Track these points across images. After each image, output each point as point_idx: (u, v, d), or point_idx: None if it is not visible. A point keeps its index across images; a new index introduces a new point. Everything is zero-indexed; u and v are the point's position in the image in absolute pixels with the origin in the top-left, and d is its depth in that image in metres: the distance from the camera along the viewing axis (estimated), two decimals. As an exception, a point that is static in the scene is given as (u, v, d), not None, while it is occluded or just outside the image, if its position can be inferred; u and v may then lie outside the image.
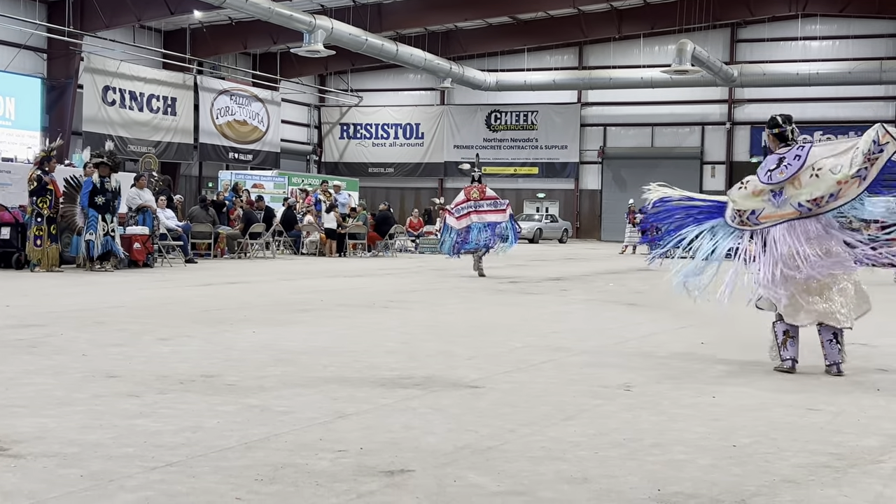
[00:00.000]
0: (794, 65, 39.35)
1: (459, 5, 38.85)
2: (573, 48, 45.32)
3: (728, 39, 43.07)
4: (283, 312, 10.05)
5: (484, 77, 43.19)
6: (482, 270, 17.26)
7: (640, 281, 17.25)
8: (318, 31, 32.48)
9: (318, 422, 4.79)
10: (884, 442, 4.63)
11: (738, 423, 4.98)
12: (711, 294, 7.16)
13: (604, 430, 4.76)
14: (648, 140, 45.11)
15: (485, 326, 9.28)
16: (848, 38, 41.20)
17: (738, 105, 43.52)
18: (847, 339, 8.62)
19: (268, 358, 6.85)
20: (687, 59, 33.66)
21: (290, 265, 19.87)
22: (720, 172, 43.97)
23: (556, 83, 42.91)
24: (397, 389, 5.71)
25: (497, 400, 5.50)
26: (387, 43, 36.94)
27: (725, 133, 43.74)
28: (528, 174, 45.88)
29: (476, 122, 47.34)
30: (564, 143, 45.91)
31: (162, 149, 36.27)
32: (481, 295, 13.14)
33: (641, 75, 40.59)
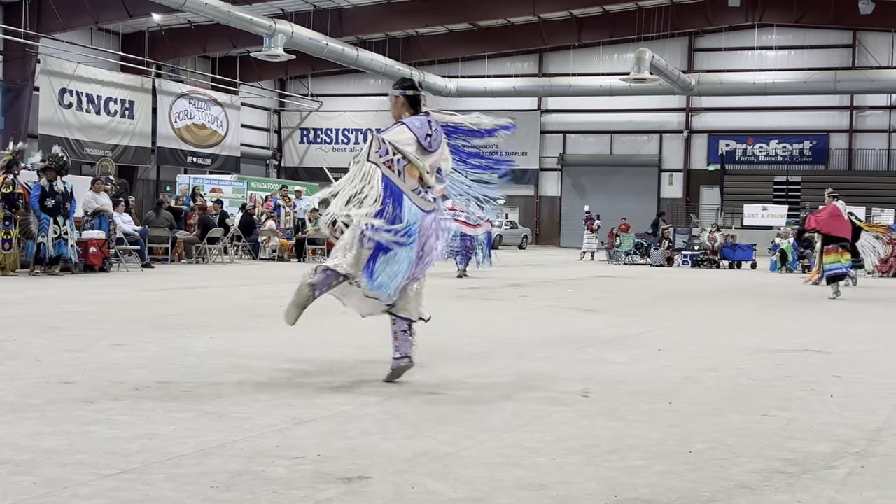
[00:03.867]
0: (750, 74, 39.84)
1: (420, 11, 38.93)
2: (533, 55, 45.57)
3: (686, 48, 43.54)
4: (241, 318, 9.98)
5: (444, 83, 43.27)
6: (464, 272, 18.95)
7: (599, 287, 17.36)
8: (278, 35, 32.38)
9: (275, 428, 4.76)
10: (836, 448, 4.69)
11: (694, 429, 5.02)
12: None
13: (561, 437, 4.77)
14: (607, 147, 45.43)
15: (443, 332, 9.26)
16: (803, 48, 41.83)
17: (695, 113, 43.96)
18: (799, 344, 8.77)
19: (225, 364, 6.80)
20: (645, 67, 33.95)
21: (248, 270, 19.75)
22: (678, 180, 44.40)
23: (516, 90, 43.10)
24: (355, 395, 5.69)
25: (455, 406, 5.50)
26: (347, 48, 36.91)
27: (683, 141, 44.18)
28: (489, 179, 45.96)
29: (436, 128, 47.34)
30: (524, 149, 46.08)
31: (119, 152, 35.91)
32: (441, 301, 13.12)
33: (601, 83, 40.90)
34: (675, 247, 28.66)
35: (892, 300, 15.85)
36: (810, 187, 39.62)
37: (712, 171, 42.96)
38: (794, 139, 42.61)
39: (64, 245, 15.84)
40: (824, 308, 13.90)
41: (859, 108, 41.81)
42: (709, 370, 7.17)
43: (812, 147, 42.28)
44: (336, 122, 48.70)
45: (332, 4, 38.68)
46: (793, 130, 42.51)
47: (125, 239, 18.78)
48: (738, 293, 16.91)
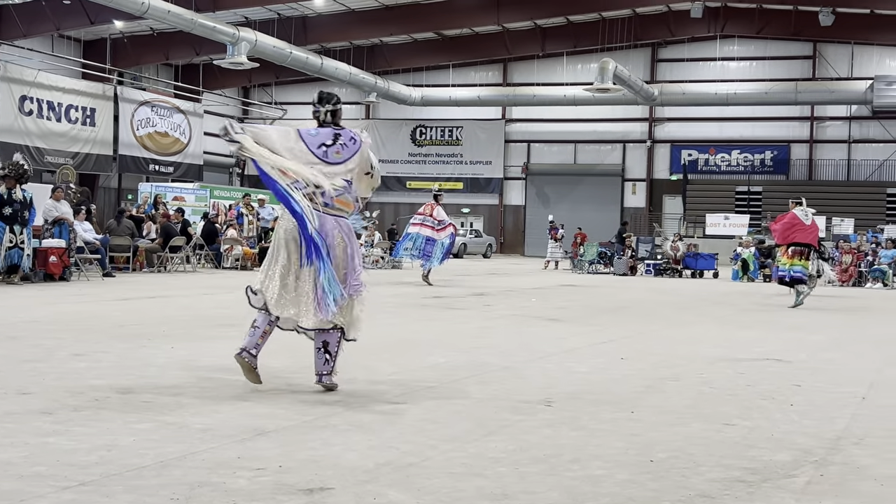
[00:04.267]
0: (712, 85, 40.25)
1: (384, 20, 38.97)
2: (498, 65, 45.74)
3: (649, 59, 43.90)
4: (203, 327, 9.91)
5: (409, 92, 43.33)
6: (428, 280, 19.05)
7: (563, 296, 17.42)
8: (241, 43, 32.27)
9: (236, 439, 4.73)
10: (796, 456, 4.73)
11: (656, 438, 5.04)
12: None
13: (524, 446, 4.78)
14: (571, 157, 45.67)
15: (408, 341, 9.27)
16: (765, 59, 42.31)
17: (658, 123, 44.31)
18: (761, 353, 8.85)
19: (186, 374, 6.75)
20: (609, 77, 34.18)
21: (211, 279, 19.62)
22: (641, 189, 44.71)
23: (480, 99, 43.24)
24: (318, 406, 5.67)
25: (418, 416, 5.49)
26: (311, 56, 36.84)
27: (646, 151, 44.51)
28: (453, 189, 46.04)
29: (401, 137, 47.44)
30: (489, 158, 46.24)
31: (80, 160, 35.55)
32: (406, 310, 13.13)
33: (564, 93, 41.14)
34: (638, 256, 28.83)
35: (852, 309, 16.04)
36: (771, 197, 40.10)
37: (675, 180, 43.31)
38: (755, 149, 43.07)
39: (20, 254, 15.65)
40: (785, 317, 14.04)
41: (820, 119, 42.34)
42: (671, 379, 7.21)
43: (773, 157, 42.76)
44: (300, 130, 48.50)
45: (295, 12, 38.61)
46: (754, 141, 42.98)
47: (86, 248, 18.59)
48: (701, 302, 17.04)
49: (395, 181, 47.25)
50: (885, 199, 39.86)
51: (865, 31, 38.77)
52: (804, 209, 15.93)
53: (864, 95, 37.99)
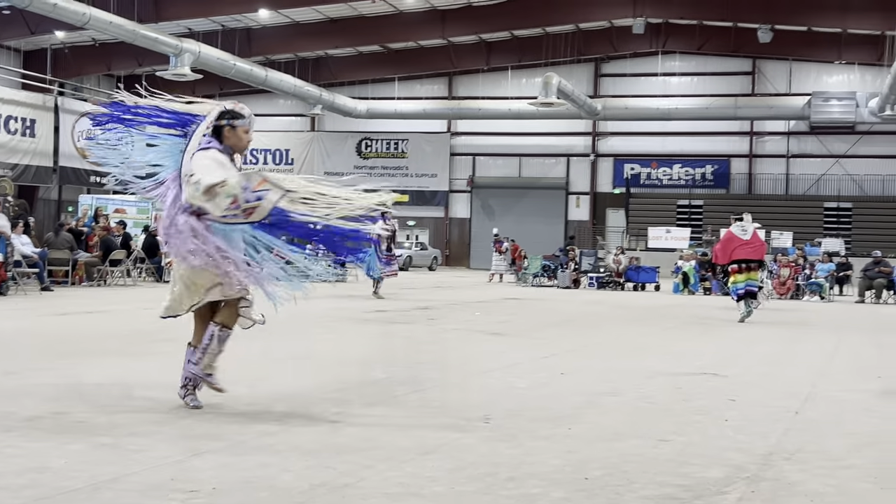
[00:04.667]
0: (654, 100, 40.71)
1: (330, 33, 38.92)
2: (443, 78, 45.85)
3: (592, 74, 44.28)
4: (141, 343, 9.78)
5: (354, 104, 43.28)
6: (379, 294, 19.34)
7: (506, 310, 17.47)
8: (184, 54, 32.00)
9: (170, 460, 4.67)
10: (728, 473, 4.79)
11: (592, 455, 5.07)
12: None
13: (461, 465, 4.78)
14: (516, 170, 45.88)
15: (349, 358, 9.24)
16: (705, 75, 42.90)
17: (601, 137, 44.70)
18: (699, 367, 8.95)
19: (122, 392, 6.66)
20: (553, 91, 34.44)
21: (152, 293, 19.37)
22: (585, 202, 45.04)
23: (426, 112, 43.30)
24: (255, 425, 5.62)
25: (356, 434, 5.47)
26: (256, 68, 36.65)
27: (590, 164, 44.86)
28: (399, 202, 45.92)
29: (347, 149, 47.32)
30: (434, 171, 46.29)
31: (19, 172, 34.87)
32: (347, 325, 13.08)
33: (509, 107, 41.34)
34: (581, 269, 29.03)
35: (789, 323, 16.28)
36: (712, 210, 40.63)
37: (618, 194, 43.71)
38: (696, 163, 43.62)
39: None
40: (724, 330, 14.22)
41: (759, 134, 43.01)
42: (609, 394, 7.26)
43: (714, 171, 43.33)
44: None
45: (240, 24, 38.41)
46: (695, 155, 43.52)
47: (23, 261, 18.27)
48: (642, 315, 17.20)
49: (341, 194, 47.05)
50: (822, 213, 40.59)
51: (803, 48, 39.54)
52: (742, 225, 16.06)
53: (802, 111, 38.68)
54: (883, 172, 41.07)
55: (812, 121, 38.80)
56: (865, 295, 24.67)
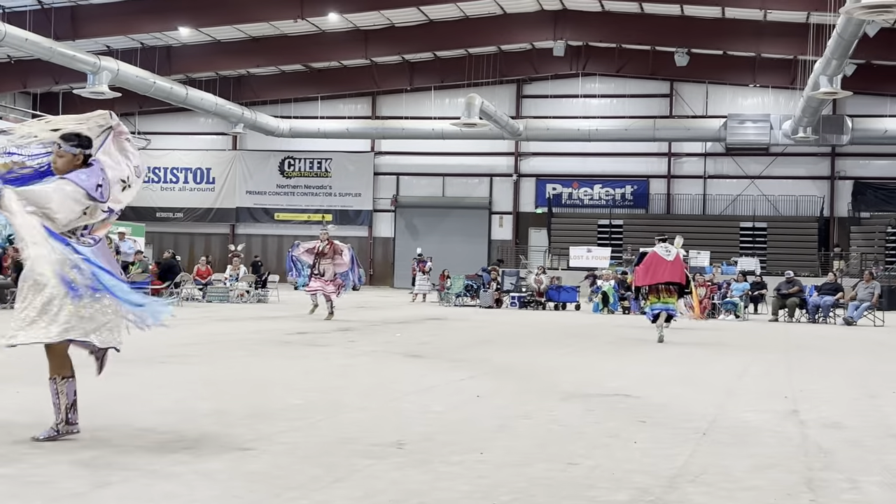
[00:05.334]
0: (575, 121, 41.26)
1: (251, 51, 38.73)
2: (366, 98, 45.89)
3: (514, 94, 44.71)
4: (52, 369, 9.57)
5: (277, 123, 43.09)
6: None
7: (427, 331, 17.51)
8: (102, 72, 31.55)
9: (75, 492, 4.60)
10: (633, 496, 4.88)
11: (501, 480, 5.13)
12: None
13: (371, 492, 4.80)
14: (440, 190, 46.05)
15: (266, 382, 9.19)
16: (625, 97, 43.60)
17: (523, 158, 45.13)
18: (612, 388, 9.09)
19: (30, 420, 6.52)
20: (475, 112, 34.70)
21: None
22: (507, 222, 45.38)
23: (349, 131, 43.30)
24: (165, 454, 5.56)
25: (269, 462, 5.45)
26: (176, 86, 36.30)
27: (512, 184, 45.22)
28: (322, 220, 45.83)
29: (269, 168, 47.02)
30: (358, 190, 46.24)
31: (-70, 190, 34.04)
32: (266, 347, 13.00)
33: (433, 126, 41.54)
34: (503, 289, 29.23)
35: (704, 342, 16.56)
36: (632, 230, 41.28)
37: (540, 213, 44.14)
38: (616, 184, 44.28)
39: None
40: (641, 350, 14.44)
41: (677, 155, 43.83)
42: (522, 417, 7.34)
43: (633, 192, 44.03)
44: (165, 160, 47.61)
45: (159, 42, 38.00)
46: (615, 176, 44.18)
47: (-68, 283, 17.79)
48: (561, 335, 17.38)
49: (263, 213, 46.79)
50: (738, 233, 41.49)
51: (719, 72, 40.47)
52: (666, 246, 16.26)
53: (718, 133, 39.57)
54: (796, 193, 42.16)
55: (728, 142, 39.71)
56: (779, 314, 25.26)
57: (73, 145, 6.05)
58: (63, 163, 6.02)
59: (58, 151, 6.05)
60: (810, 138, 36.93)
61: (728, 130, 39.05)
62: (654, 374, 10.97)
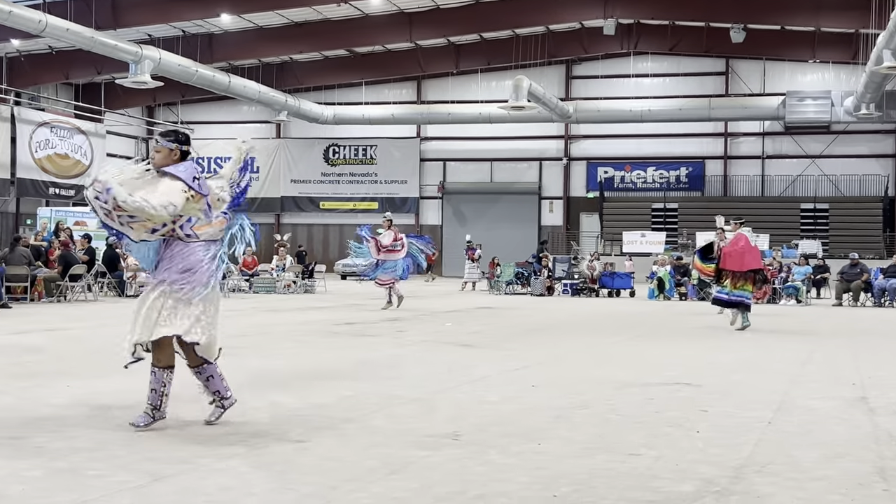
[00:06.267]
0: (627, 102, 40.92)
1: (294, 37, 38.87)
2: (411, 82, 45.92)
3: (563, 76, 44.49)
4: (103, 362, 9.73)
5: (321, 110, 43.26)
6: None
7: (478, 320, 17.53)
8: (144, 61, 31.87)
9: (131, 486, 4.68)
10: (699, 487, 4.86)
11: (561, 471, 5.13)
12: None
13: (428, 483, 4.83)
14: (488, 175, 46.01)
15: (316, 373, 9.26)
16: (678, 75, 43.19)
17: (574, 141, 44.91)
18: (671, 377, 9.04)
19: (83, 414, 6.65)
20: (523, 95, 34.57)
21: (113, 309, 19.28)
22: (558, 207, 45.21)
23: (394, 117, 43.34)
24: (219, 447, 5.63)
25: (323, 454, 5.50)
26: (218, 74, 36.58)
27: (562, 168, 45.04)
28: (368, 209, 45.99)
29: (314, 156, 47.28)
30: (404, 177, 46.35)
31: (-24, 185, 34.69)
32: (315, 338, 13.10)
33: (479, 110, 41.45)
34: (555, 276, 29.16)
35: (765, 328, 16.38)
36: (687, 213, 40.93)
37: (591, 198, 43.94)
38: (670, 166, 43.93)
39: None
40: (699, 337, 14.35)
41: (733, 135, 43.37)
42: (580, 407, 7.33)
43: (688, 174, 43.66)
44: (208, 150, 47.77)
45: (201, 30, 38.30)
46: (669, 158, 43.82)
47: (-20, 278, 18.14)
48: (616, 323, 17.32)
49: (308, 201, 47.07)
50: (798, 215, 40.96)
51: (776, 48, 39.90)
52: (749, 229, 16.10)
53: (777, 111, 39.05)
54: (859, 172, 41.53)
55: (787, 121, 39.18)
56: (843, 298, 24.93)
57: (170, 140, 6.32)
58: (161, 158, 6.28)
59: (155, 147, 6.35)
60: (873, 115, 36.27)
61: (787, 108, 38.52)
62: (715, 361, 10.90)
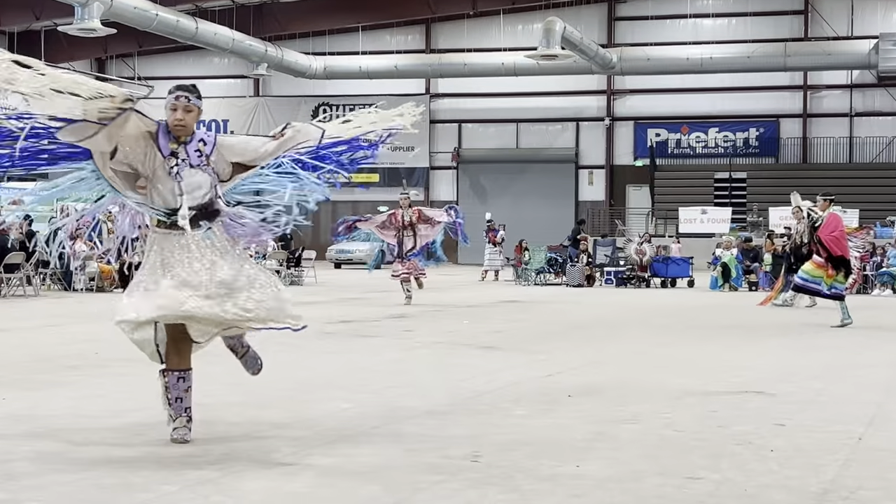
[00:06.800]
0: (683, 48, 40.82)
1: (275, -28, 38.93)
2: (419, 26, 45.91)
3: (605, 17, 44.41)
4: (44, 371, 9.80)
5: (309, 62, 43.28)
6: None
7: (502, 316, 17.54)
8: (93, 4, 31.90)
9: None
10: (772, 517, 4.86)
11: (604, 499, 5.14)
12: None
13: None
14: (513, 139, 46.01)
15: (305, 383, 9.29)
16: (746, 15, 42.98)
17: (618, 97, 44.86)
18: (738, 384, 9.03)
19: (21, 432, 6.68)
20: (556, 41, 34.51)
21: (58, 306, 19.38)
22: (599, 178, 45.19)
23: (398, 70, 43.34)
24: (186, 471, 5.65)
25: (314, 481, 5.51)
26: (183, 19, 36.64)
27: (604, 131, 44.99)
28: (367, 182, 46.06)
29: (300, 118, 47.01)
30: (410, 143, 46.27)
31: None
32: (304, 340, 13.02)
33: (502, 60, 41.41)
34: (596, 262, 29.14)
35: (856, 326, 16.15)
36: (758, 185, 40.84)
37: (640, 167, 43.90)
38: (737, 127, 43.82)
39: None
40: (772, 336, 14.33)
41: (814, 88, 43.22)
42: (627, 421, 7.33)
43: (759, 136, 43.57)
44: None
45: (162, -36, 38.35)
46: (736, 116, 43.72)
47: None
48: (670, 319, 17.29)
49: (294, 174, 47.11)
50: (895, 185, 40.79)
51: (867, -20, 39.78)
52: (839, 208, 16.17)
53: (868, 58, 38.87)
54: (970, 132, 41.45)
55: (880, 70, 38.99)
56: (951, 286, 24.87)
57: (199, 97, 6.52)
58: (192, 118, 6.42)
59: (186, 105, 6.39)
60: None
61: (880, 55, 38.34)
62: (793, 365, 10.88)
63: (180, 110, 6.34)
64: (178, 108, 6.34)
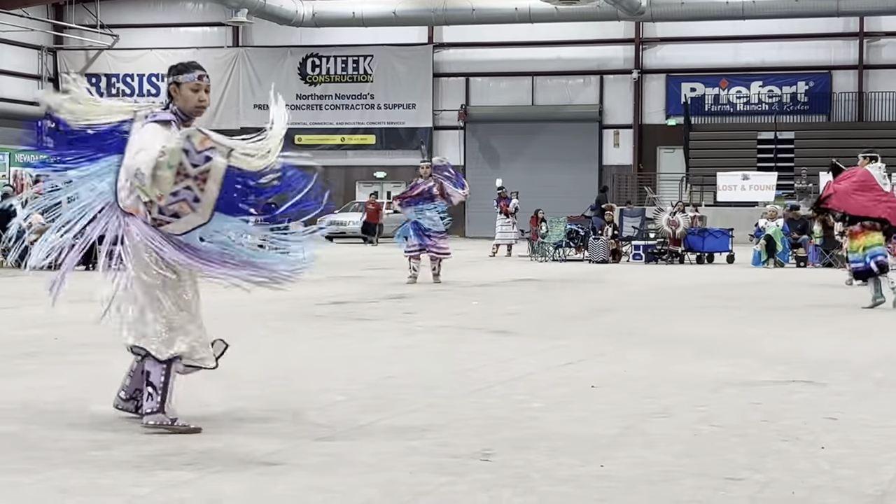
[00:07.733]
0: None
1: None
2: (420, -35, 45.80)
3: (633, -45, 44.25)
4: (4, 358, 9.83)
5: (295, 7, 43.21)
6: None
7: (516, 297, 17.55)
8: (50, -59, 31.86)
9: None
10: (824, 523, 4.88)
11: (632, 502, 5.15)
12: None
13: (449, 521, 4.86)
14: (528, 96, 45.95)
15: (292, 371, 9.30)
16: (794, -49, 42.86)
17: (648, 46, 44.75)
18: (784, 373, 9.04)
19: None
20: (577, -18, 34.42)
21: (12, 284, 19.41)
22: (626, 139, 45.14)
23: (397, 16, 43.23)
24: (158, 471, 5.66)
25: (302, 482, 5.53)
26: (152, -41, 36.56)
27: (632, 85, 44.88)
28: (362, 144, 46.15)
29: (285, 72, 47.28)
30: (411, 100, 46.31)
31: None
32: (291, 323, 13.15)
33: (516, 5, 41.30)
34: (622, 235, 29.13)
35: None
36: (807, 146, 40.73)
37: (673, 126, 43.83)
38: (783, 80, 43.71)
39: None
40: (823, 319, 14.32)
41: (871, 36, 43.07)
42: (658, 415, 7.35)
43: (808, 91, 43.46)
44: (139, 64, 48.15)
45: None
46: (781, 68, 43.60)
47: None
48: (707, 299, 17.29)
49: (278, 135, 47.13)
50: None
51: None
52: (880, 167, 15.91)
53: (934, 1, 38.74)
54: None
55: (947, 15, 38.88)
56: None
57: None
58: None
59: (206, 84, 6.72)
60: None
61: (948, -3, 38.23)
62: (846, 351, 10.89)
63: (203, 91, 6.66)
64: (200, 89, 6.64)
